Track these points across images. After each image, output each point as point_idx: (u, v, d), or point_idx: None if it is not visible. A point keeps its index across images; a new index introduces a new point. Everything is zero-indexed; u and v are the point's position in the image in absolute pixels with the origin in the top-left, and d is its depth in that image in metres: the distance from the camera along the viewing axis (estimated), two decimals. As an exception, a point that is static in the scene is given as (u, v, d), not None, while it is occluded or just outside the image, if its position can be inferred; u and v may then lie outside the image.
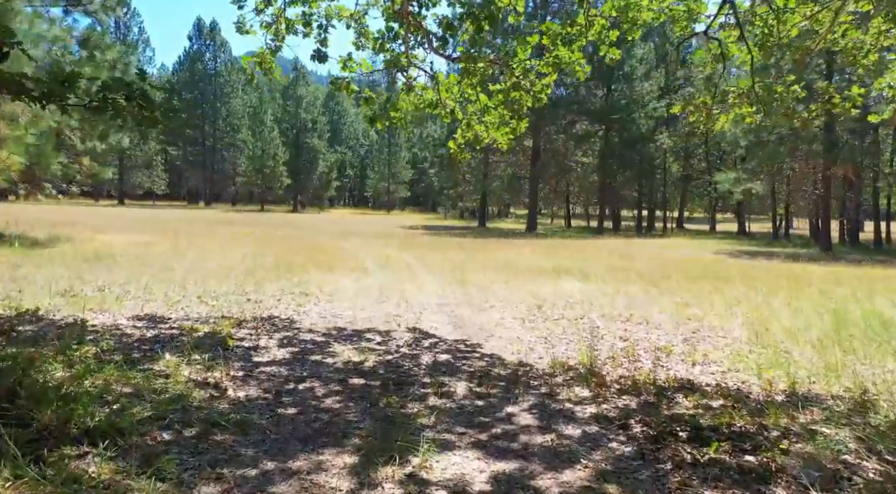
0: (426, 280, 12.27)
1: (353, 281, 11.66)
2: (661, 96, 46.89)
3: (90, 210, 44.65)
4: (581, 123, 47.56)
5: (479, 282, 11.90)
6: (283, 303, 8.64)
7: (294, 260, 14.64)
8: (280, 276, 11.68)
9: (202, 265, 13.17)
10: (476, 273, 13.62)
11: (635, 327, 7.75)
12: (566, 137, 48.02)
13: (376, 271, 13.57)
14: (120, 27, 64.50)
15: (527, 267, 15.03)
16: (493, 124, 7.70)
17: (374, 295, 9.83)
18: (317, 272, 12.64)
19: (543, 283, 11.92)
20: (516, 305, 9.20)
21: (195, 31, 69.07)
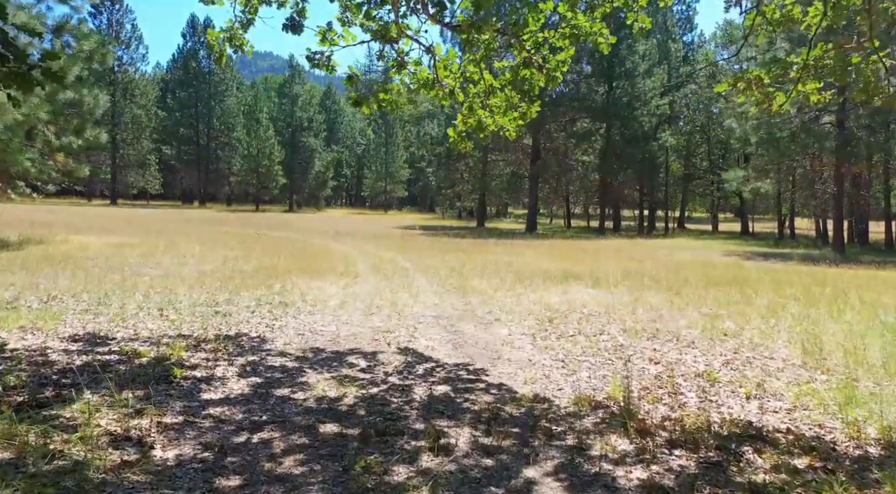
0: (422, 287, 11.15)
1: (341, 288, 10.53)
2: (663, 93, 45.85)
3: (79, 210, 43.45)
4: (582, 121, 46.49)
5: (480, 290, 10.78)
6: (257, 317, 7.51)
7: (278, 265, 13.51)
8: (260, 283, 10.55)
9: (176, 270, 12.03)
10: (477, 278, 12.50)
11: (665, 345, 6.64)
12: (567, 136, 46.95)
13: (367, 276, 12.44)
14: (112, 24, 63.25)
15: (531, 272, 13.91)
16: (500, 108, 6.58)
17: (362, 306, 8.71)
18: (301, 278, 11.51)
19: (552, 290, 10.81)
20: (524, 318, 8.08)
21: (188, 29, 67.81)
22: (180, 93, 66.80)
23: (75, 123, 16.66)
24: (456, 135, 7.08)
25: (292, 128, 64.43)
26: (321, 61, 5.97)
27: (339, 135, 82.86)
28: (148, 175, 64.10)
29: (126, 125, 61.48)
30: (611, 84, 44.14)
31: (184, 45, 67.88)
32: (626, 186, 52.86)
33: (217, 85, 66.77)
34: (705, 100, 50.85)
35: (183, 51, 67.43)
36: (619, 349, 6.40)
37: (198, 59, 67.15)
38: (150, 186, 64.77)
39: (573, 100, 44.59)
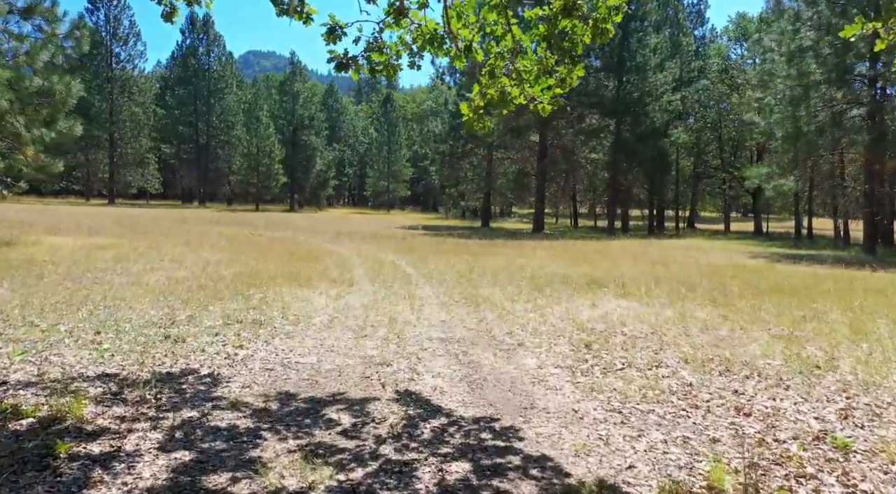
0: (426, 297, 9.58)
1: (332, 299, 8.97)
2: (675, 89, 44.16)
3: (73, 209, 41.94)
4: (591, 117, 44.82)
5: (494, 300, 9.21)
6: (219, 342, 5.94)
7: (264, 270, 11.95)
8: (236, 293, 9.00)
9: (145, 277, 10.49)
10: (488, 285, 10.93)
11: (746, 384, 5.05)
12: (575, 132, 45.30)
13: (364, 283, 10.88)
14: (110, 20, 61.77)
15: (548, 277, 12.33)
16: (530, 73, 5.00)
17: (354, 324, 7.15)
18: (288, 286, 9.96)
19: (578, 302, 9.23)
20: (554, 341, 6.50)
21: (187, 25, 66.31)
22: (179, 91, 65.03)
23: (45, 113, 15.15)
24: (471, 111, 5.50)
25: (293, 126, 62.76)
26: (291, 6, 4.39)
27: (341, 133, 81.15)
28: (147, 174, 62.50)
29: (124, 123, 59.73)
30: (621, 79, 42.46)
31: (183, 42, 66.36)
32: (636, 185, 51.27)
33: (216, 82, 65.17)
34: (717, 95, 49.18)
35: (182, 47, 65.92)
36: (689, 391, 4.82)
37: (197, 55, 65.55)
38: (150, 185, 63.11)
39: (582, 95, 42.92)
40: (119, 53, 60.02)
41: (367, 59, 4.81)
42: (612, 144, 42.99)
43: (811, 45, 23.96)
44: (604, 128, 44.11)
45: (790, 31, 24.36)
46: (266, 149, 58.02)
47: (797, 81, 23.70)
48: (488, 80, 5.14)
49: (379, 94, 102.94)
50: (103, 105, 57.68)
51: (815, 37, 24.08)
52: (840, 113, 24.34)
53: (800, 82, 23.67)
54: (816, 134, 23.84)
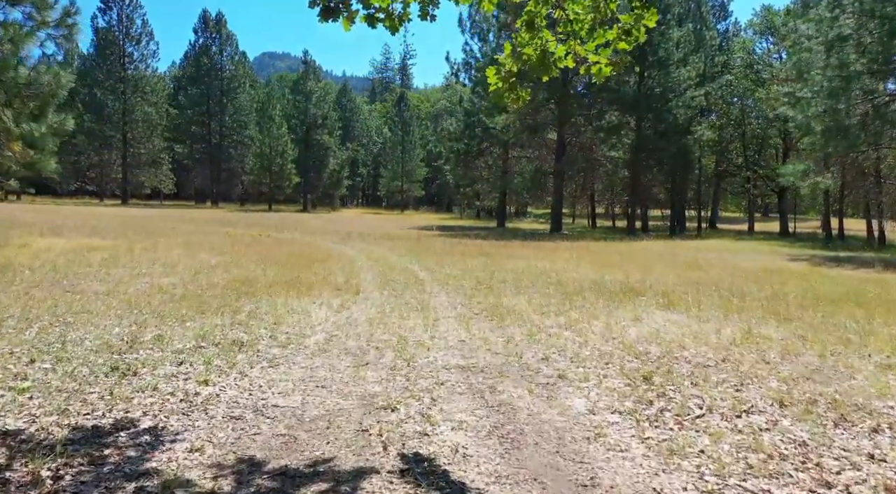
0: (441, 308, 8.33)
1: (333, 311, 7.75)
2: (699, 84, 42.47)
3: (83, 210, 41.11)
4: (611, 114, 43.26)
5: (520, 313, 7.93)
6: (181, 374, 4.70)
7: (263, 275, 10.77)
8: (224, 304, 7.81)
9: (126, 284, 9.34)
10: (512, 293, 9.66)
11: (876, 440, 3.72)
12: (594, 129, 43.78)
13: (371, 291, 9.64)
14: (122, 20, 61.14)
15: (578, 283, 11.01)
16: (582, 23, 3.71)
17: (355, 345, 5.91)
18: (285, 295, 8.76)
19: (618, 315, 7.92)
20: (602, 371, 5.20)
21: (200, 24, 65.43)
22: (192, 90, 63.94)
23: (32, 106, 14.11)
24: (500, 80, 4.23)
25: (306, 125, 61.68)
26: None
27: (355, 133, 79.92)
28: (160, 174, 61.67)
29: (137, 123, 58.71)
30: (642, 74, 40.92)
31: (195, 41, 65.43)
32: (656, 183, 49.65)
33: (229, 81, 64.15)
34: (741, 91, 47.42)
35: (195, 47, 65.02)
36: (806, 455, 3.50)
37: (210, 54, 64.48)
38: (164, 186, 62.30)
39: (601, 91, 41.40)
40: (132, 53, 59.30)
41: (364, 3, 3.55)
42: (632, 142, 41.46)
43: (850, 34, 22.40)
44: (624, 125, 42.56)
45: (829, 19, 22.76)
46: (279, 148, 56.98)
47: (837, 72, 22.11)
48: (525, 34, 3.86)
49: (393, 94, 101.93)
50: (116, 105, 56.99)
51: (855, 24, 22.51)
52: (883, 105, 22.73)
53: (840, 73, 22.08)
54: (858, 128, 22.24)
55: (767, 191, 51.86)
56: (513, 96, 4.34)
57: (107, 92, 57.77)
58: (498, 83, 4.26)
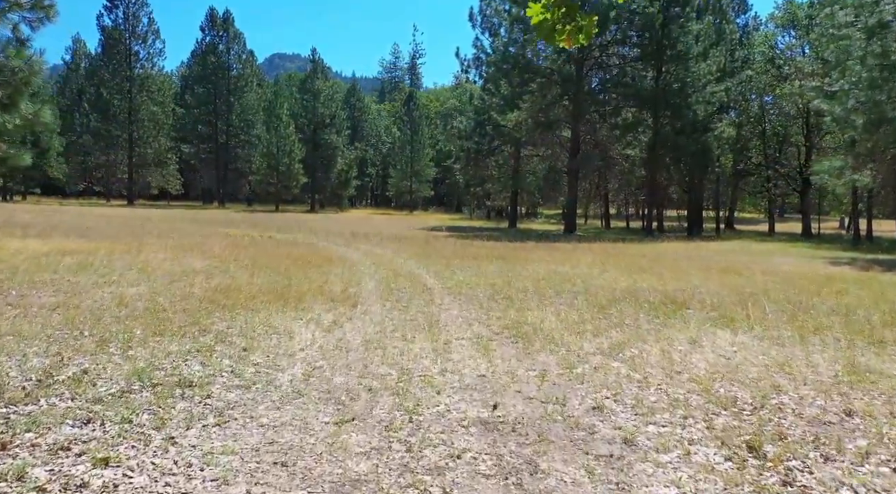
0: (454, 325, 6.92)
1: (323, 330, 6.36)
2: (719, 79, 40.74)
3: (85, 210, 39.97)
4: (627, 110, 41.62)
5: (550, 332, 6.50)
6: (78, 443, 3.27)
7: (250, 284, 9.40)
8: (192, 322, 6.46)
9: (84, 295, 8.03)
10: (535, 305, 8.26)
11: None
12: (610, 127, 42.16)
13: (372, 303, 8.25)
14: (128, 18, 60.09)
15: (609, 293, 9.56)
16: None
17: (342, 383, 4.50)
18: (269, 308, 7.40)
19: (670, 335, 6.47)
20: (683, 430, 3.73)
21: (208, 22, 64.13)
22: (199, 89, 62.67)
23: (2, 95, 12.85)
24: (547, 9, 2.82)
25: (314, 124, 60.38)
26: None
27: (363, 133, 78.20)
28: (167, 174, 60.28)
29: (143, 123, 57.29)
30: (660, 68, 39.31)
31: (202, 39, 64.01)
32: (673, 183, 47.98)
33: (237, 80, 62.68)
34: (762, 86, 45.67)
35: (202, 45, 63.65)
36: None
37: (217, 53, 63.05)
38: (171, 186, 61.15)
39: (617, 86, 39.88)
40: (138, 51, 57.97)
41: None
42: (650, 139, 39.85)
43: (893, 20, 20.80)
44: (641, 122, 40.96)
45: (870, 3, 21.15)
46: (286, 148, 55.52)
47: (878, 61, 20.49)
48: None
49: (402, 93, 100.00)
50: (123, 104, 55.89)
51: (895, 7, 20.91)
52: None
53: (882, 62, 20.46)
54: (903, 119, 20.61)
55: (789, 190, 50.04)
56: (561, 36, 2.92)
57: (113, 91, 56.67)
58: (540, 13, 2.84)
